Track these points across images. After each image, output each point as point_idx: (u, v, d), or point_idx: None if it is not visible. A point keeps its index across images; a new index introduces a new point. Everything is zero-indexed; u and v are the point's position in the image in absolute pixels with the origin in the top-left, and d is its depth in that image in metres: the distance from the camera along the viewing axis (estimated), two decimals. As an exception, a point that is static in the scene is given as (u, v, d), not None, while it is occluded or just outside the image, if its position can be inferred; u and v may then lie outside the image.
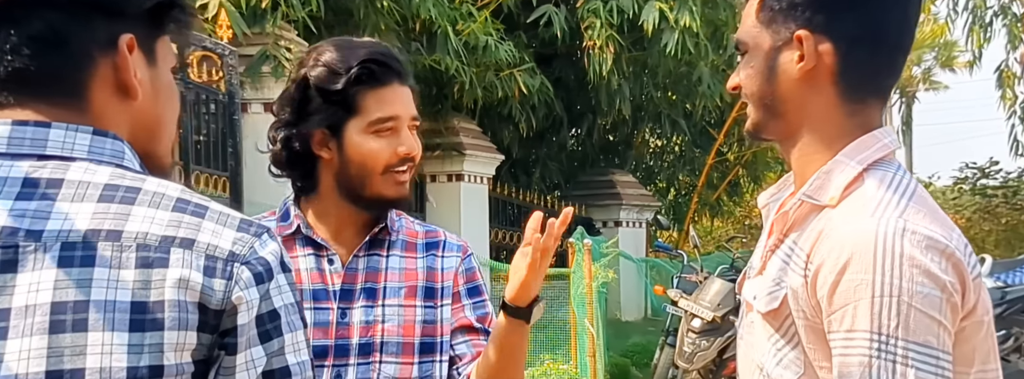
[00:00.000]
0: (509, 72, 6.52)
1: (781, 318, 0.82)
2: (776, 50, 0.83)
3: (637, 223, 8.96)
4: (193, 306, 0.61)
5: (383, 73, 1.09)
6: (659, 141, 10.85)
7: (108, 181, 0.62)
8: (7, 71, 0.62)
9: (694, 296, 4.60)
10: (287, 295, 0.65)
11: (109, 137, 0.64)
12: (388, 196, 1.10)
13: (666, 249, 6.45)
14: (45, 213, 0.60)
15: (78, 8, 0.62)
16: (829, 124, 0.83)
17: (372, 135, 1.09)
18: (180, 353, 0.60)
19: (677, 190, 11.05)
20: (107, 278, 0.59)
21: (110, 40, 0.64)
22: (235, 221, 0.64)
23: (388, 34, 5.62)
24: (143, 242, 0.60)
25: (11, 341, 0.58)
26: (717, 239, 11.62)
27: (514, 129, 7.80)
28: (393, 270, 1.13)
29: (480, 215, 7.03)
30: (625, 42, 7.20)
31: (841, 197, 0.81)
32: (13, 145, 0.61)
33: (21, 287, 0.58)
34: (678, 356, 4.52)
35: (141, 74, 0.65)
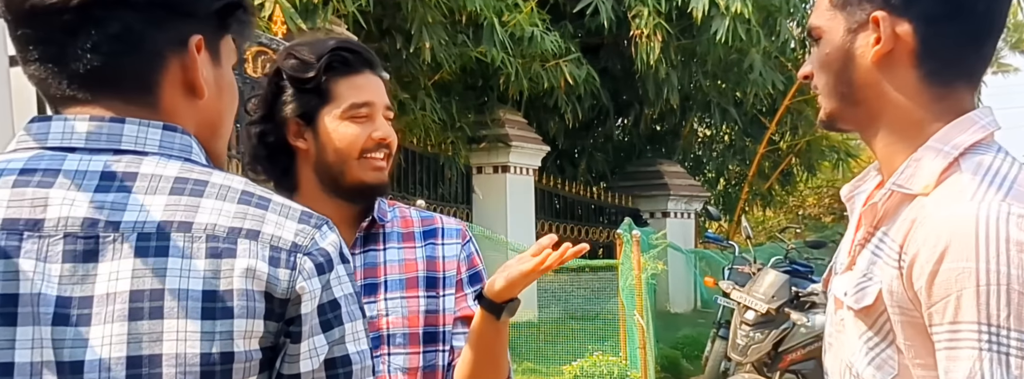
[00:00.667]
0: (555, 63, 6.49)
1: (874, 315, 0.78)
2: (851, 33, 0.79)
3: (686, 214, 8.83)
4: (260, 295, 0.62)
5: (355, 61, 1.10)
6: (708, 130, 10.65)
7: (178, 174, 0.64)
8: (86, 69, 0.64)
9: (747, 288, 4.51)
10: (346, 285, 0.66)
11: (178, 132, 0.66)
12: (367, 181, 1.10)
13: (717, 240, 6.34)
14: (122, 205, 0.62)
15: (153, 9, 0.65)
16: (913, 110, 0.79)
17: (347, 121, 1.09)
18: (249, 340, 0.62)
19: (727, 180, 10.84)
20: (180, 267, 0.61)
21: (181, 40, 0.66)
22: (296, 213, 0.66)
23: (435, 26, 5.66)
24: (212, 233, 0.62)
25: (94, 327, 0.60)
26: (769, 230, 11.38)
27: (560, 120, 7.76)
28: (392, 263, 1.13)
29: (526, 206, 7.04)
30: (673, 30, 7.07)
31: (936, 184, 0.76)
32: (91, 140, 0.64)
33: (102, 276, 0.61)
34: (731, 349, 4.44)
35: (206, 73, 0.68)
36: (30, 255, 0.60)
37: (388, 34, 5.95)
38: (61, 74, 0.64)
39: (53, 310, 0.60)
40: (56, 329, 0.60)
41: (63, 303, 0.60)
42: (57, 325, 0.60)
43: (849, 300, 0.81)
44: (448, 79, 6.57)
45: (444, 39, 5.81)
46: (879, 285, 0.77)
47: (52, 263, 0.60)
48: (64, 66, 0.64)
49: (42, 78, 0.65)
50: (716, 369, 4.71)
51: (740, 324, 4.40)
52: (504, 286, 1.04)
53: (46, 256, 0.60)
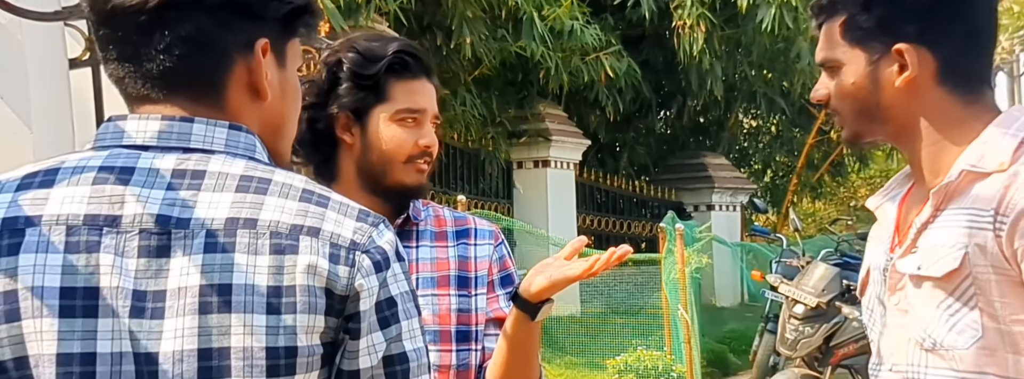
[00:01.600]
0: (595, 56, 6.44)
1: (958, 280, 0.83)
2: (874, 65, 0.88)
3: (731, 207, 8.68)
4: (321, 291, 0.64)
5: (415, 66, 1.12)
6: (754, 121, 10.44)
7: (243, 172, 0.66)
8: (159, 69, 0.67)
9: (796, 281, 4.41)
10: (403, 283, 0.68)
11: (243, 131, 0.68)
12: (409, 184, 1.11)
13: (763, 233, 6.22)
14: (191, 202, 0.65)
15: (224, 12, 0.67)
16: (948, 116, 0.89)
17: (396, 123, 1.10)
18: (311, 335, 0.64)
19: (774, 172, 10.60)
20: (246, 263, 0.63)
21: (248, 43, 0.68)
22: (355, 211, 0.68)
23: (475, 22, 5.67)
24: (275, 230, 0.64)
25: (168, 320, 0.63)
26: (819, 222, 11.09)
27: (601, 113, 7.71)
28: (424, 261, 1.14)
29: (567, 201, 7.02)
30: (717, 20, 6.95)
31: (1011, 161, 0.84)
32: (163, 139, 0.67)
33: (174, 271, 0.63)
34: (780, 343, 4.35)
35: (271, 76, 0.70)
36: (109, 250, 0.63)
37: (428, 30, 6.00)
38: (136, 73, 0.67)
39: (130, 303, 0.62)
40: (133, 321, 0.62)
41: (139, 297, 0.63)
42: (134, 317, 0.62)
43: (931, 270, 0.85)
44: (488, 74, 6.59)
45: (484, 34, 5.82)
46: (962, 250, 0.83)
47: (128, 258, 0.63)
48: (139, 66, 0.67)
49: (120, 77, 0.68)
50: (765, 363, 4.62)
51: (789, 318, 4.31)
52: (545, 287, 1.04)
53: (123, 251, 0.63)
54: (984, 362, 0.82)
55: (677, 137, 9.51)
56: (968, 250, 0.82)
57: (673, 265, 4.84)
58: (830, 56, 0.90)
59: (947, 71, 0.88)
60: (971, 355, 0.82)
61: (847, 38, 0.89)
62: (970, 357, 0.82)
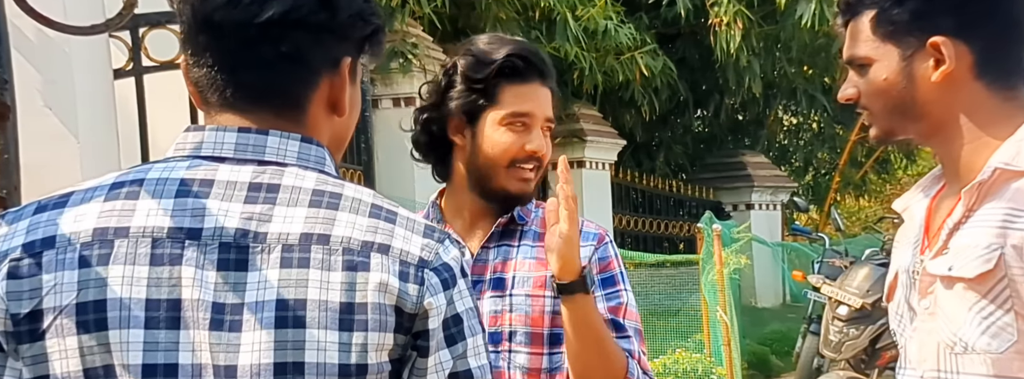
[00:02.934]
0: (630, 55, 6.39)
1: (992, 282, 0.81)
2: (908, 60, 0.85)
3: (771, 205, 8.52)
4: (391, 309, 0.65)
5: (526, 69, 1.12)
6: (794, 119, 10.22)
7: (315, 186, 0.68)
8: (252, 81, 0.69)
9: (839, 282, 4.31)
10: (468, 300, 0.69)
11: (313, 144, 0.70)
12: (511, 191, 1.12)
13: (804, 232, 6.09)
14: (268, 216, 0.66)
15: (321, 32, 0.69)
16: (984, 113, 0.86)
17: (504, 128, 1.11)
18: (380, 353, 0.65)
19: (816, 169, 10.37)
20: (320, 279, 0.64)
21: (335, 61, 0.71)
22: (421, 227, 0.69)
23: (509, 23, 5.69)
24: (348, 246, 0.65)
25: (245, 333, 0.64)
26: (864, 220, 10.82)
27: (636, 113, 7.64)
28: (524, 260, 1.14)
29: (602, 202, 6.98)
30: (754, 16, 6.83)
31: None
32: (239, 151, 0.68)
33: (252, 284, 0.64)
34: (824, 345, 4.27)
35: (347, 92, 0.72)
36: (191, 262, 0.64)
37: (463, 33, 6.02)
38: (227, 82, 0.69)
39: (210, 316, 0.64)
40: (212, 334, 0.64)
41: (218, 309, 0.64)
42: (213, 330, 0.64)
43: (964, 271, 0.82)
44: (523, 76, 6.57)
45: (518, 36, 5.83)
46: (998, 251, 0.79)
47: (208, 270, 0.64)
48: (233, 75, 0.69)
49: (206, 85, 0.70)
50: (808, 366, 4.53)
51: (832, 320, 4.22)
52: (559, 264, 1.04)
53: (204, 264, 0.64)
54: (1019, 367, 0.79)
55: (715, 135, 9.37)
56: (1003, 251, 0.80)
57: (711, 266, 4.78)
58: (859, 53, 0.88)
59: (985, 65, 0.85)
60: (1006, 359, 0.79)
61: (878, 34, 0.86)
62: (1005, 361, 0.80)
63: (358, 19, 0.71)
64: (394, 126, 5.25)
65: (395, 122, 5.19)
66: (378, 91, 4.75)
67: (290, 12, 0.67)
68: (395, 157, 4.68)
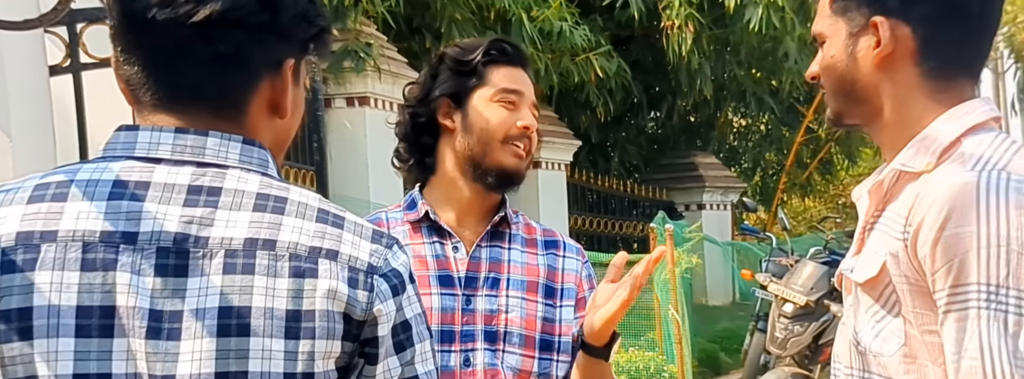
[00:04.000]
0: (585, 56, 6.45)
1: (880, 287, 0.81)
2: (853, 37, 0.83)
3: (722, 206, 8.71)
4: (339, 316, 0.63)
5: (512, 54, 1.16)
6: (743, 120, 10.47)
7: (259, 190, 0.66)
8: (188, 81, 0.67)
9: (785, 280, 4.44)
10: (416, 306, 0.68)
11: (256, 146, 0.68)
12: (507, 166, 1.12)
13: (753, 232, 6.24)
14: (209, 220, 0.64)
15: (261, 33, 0.67)
16: (915, 104, 0.83)
17: (496, 104, 1.12)
18: (327, 361, 0.63)
19: (764, 170, 10.64)
20: (265, 286, 0.62)
21: (277, 62, 0.69)
22: (369, 232, 0.67)
23: (464, 24, 5.67)
24: (294, 252, 0.63)
25: (185, 342, 0.62)
26: (809, 220, 11.15)
27: (591, 114, 7.72)
28: (516, 263, 1.15)
29: (558, 202, 7.03)
30: (705, 20, 6.97)
31: (937, 163, 0.79)
32: (177, 152, 0.65)
33: (192, 291, 0.62)
34: (770, 342, 4.38)
35: (289, 94, 0.70)
36: (126, 268, 0.61)
37: (417, 33, 5.99)
38: (160, 82, 0.66)
39: (147, 323, 0.61)
40: (149, 342, 0.61)
41: (155, 317, 0.61)
42: (150, 338, 0.61)
43: (856, 275, 0.83)
44: (478, 76, 6.56)
45: (473, 36, 5.82)
46: (883, 257, 0.80)
47: (145, 276, 0.62)
48: (166, 75, 0.66)
49: (138, 83, 0.67)
50: (755, 362, 4.65)
51: (778, 317, 4.34)
52: (603, 325, 1.03)
53: (140, 269, 0.62)
54: (906, 370, 0.79)
55: (668, 137, 9.53)
56: (886, 258, 0.79)
57: (663, 265, 4.86)
58: (816, 29, 0.86)
59: (927, 53, 0.81)
60: (895, 362, 0.80)
61: (833, 8, 0.84)
62: (894, 364, 0.80)
63: (302, 20, 0.69)
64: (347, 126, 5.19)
65: (348, 121, 5.13)
66: (331, 90, 4.68)
67: (229, 11, 0.65)
68: (349, 157, 4.62)
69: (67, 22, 2.48)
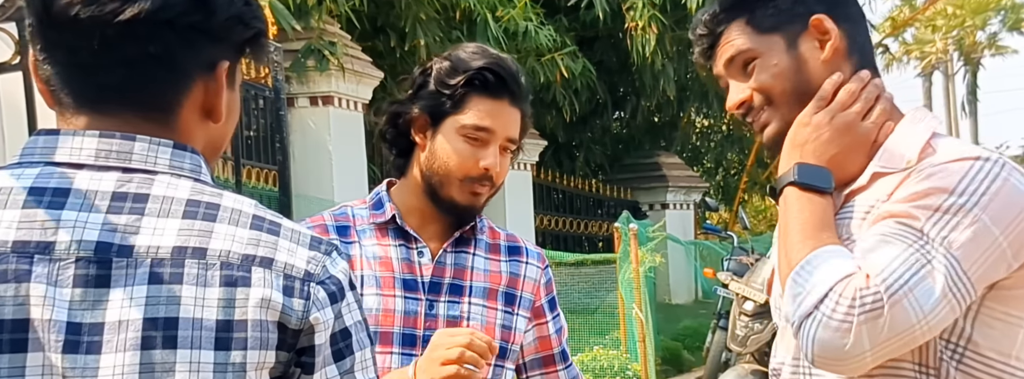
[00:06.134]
0: (550, 57, 6.48)
1: None
2: (793, 43, 0.88)
3: (685, 205, 8.84)
4: (273, 325, 0.61)
5: (497, 85, 1.10)
6: (706, 121, 10.64)
7: (189, 196, 0.63)
8: (113, 82, 0.63)
9: (745, 279, 4.52)
10: (356, 313, 0.66)
11: (188, 151, 0.65)
12: (459, 202, 1.11)
13: (715, 231, 6.35)
14: (135, 228, 0.61)
15: (192, 33, 0.64)
16: None
17: (462, 138, 1.10)
18: (260, 372, 0.61)
19: (726, 170, 10.84)
20: (194, 296, 0.60)
21: (210, 65, 0.66)
22: (306, 239, 0.65)
23: (429, 23, 5.64)
24: (226, 260, 0.61)
25: (105, 355, 0.59)
26: (769, 219, 11.38)
27: (557, 114, 7.75)
28: (479, 270, 1.15)
29: (524, 202, 7.05)
30: (668, 21, 7.06)
31: (917, 159, 0.84)
32: (101, 157, 0.62)
33: (114, 302, 0.59)
34: (731, 339, 4.46)
35: (223, 97, 0.68)
36: (41, 279, 0.59)
37: (382, 32, 5.94)
38: (84, 83, 0.63)
39: (64, 337, 0.58)
40: (66, 357, 0.58)
41: (74, 330, 0.58)
42: (67, 353, 0.58)
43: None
44: (443, 75, 6.54)
45: (438, 36, 5.80)
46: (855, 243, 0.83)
47: (63, 288, 0.59)
48: (90, 75, 0.63)
49: (60, 83, 0.64)
50: (717, 360, 4.73)
51: (739, 315, 4.42)
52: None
53: (57, 280, 0.59)
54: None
55: (632, 137, 9.63)
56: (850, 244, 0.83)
57: (627, 265, 4.91)
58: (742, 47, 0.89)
59: (852, 48, 0.89)
60: None
61: (757, 30, 0.89)
62: None
63: (237, 22, 0.66)
64: (311, 125, 5.11)
65: (312, 121, 5.06)
66: (294, 89, 4.61)
67: (159, 11, 0.62)
68: (312, 157, 4.56)
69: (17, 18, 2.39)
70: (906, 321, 0.76)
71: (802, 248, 0.81)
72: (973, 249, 0.77)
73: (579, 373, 1.24)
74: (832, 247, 0.81)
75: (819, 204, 0.85)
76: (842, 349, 0.75)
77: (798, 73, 0.88)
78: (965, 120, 22.76)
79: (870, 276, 0.76)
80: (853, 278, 0.77)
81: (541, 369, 1.19)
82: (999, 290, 0.81)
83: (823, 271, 0.78)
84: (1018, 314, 0.82)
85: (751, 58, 0.90)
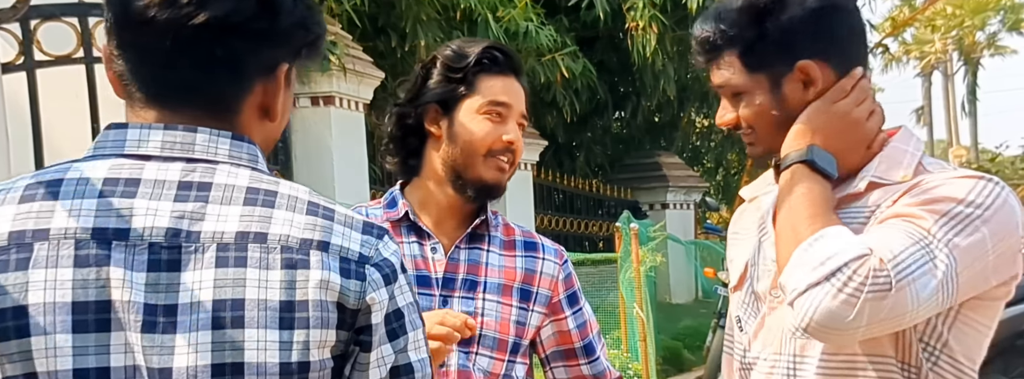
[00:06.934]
0: (551, 57, 6.49)
1: None
2: (777, 84, 0.93)
3: (685, 205, 8.85)
4: (333, 306, 0.64)
5: (504, 62, 1.14)
6: (706, 121, 10.65)
7: (249, 184, 0.67)
8: (182, 81, 0.68)
9: (746, 278, 4.52)
10: (408, 295, 0.69)
11: (245, 141, 0.69)
12: (487, 180, 1.12)
13: (715, 230, 6.37)
14: (200, 215, 0.64)
15: (257, 38, 0.68)
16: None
17: (482, 116, 1.12)
18: (322, 350, 0.64)
19: (726, 170, 10.85)
20: (258, 278, 0.63)
21: (271, 67, 0.70)
22: (360, 223, 0.68)
23: (429, 24, 5.66)
24: (286, 244, 0.64)
25: (180, 335, 0.62)
26: (769, 219, 11.38)
27: (557, 114, 7.77)
28: (493, 266, 1.15)
29: (525, 202, 7.06)
30: (669, 22, 7.07)
31: (913, 174, 0.90)
32: (166, 149, 0.66)
33: (185, 285, 0.63)
34: (730, 339, 4.47)
35: (281, 98, 0.72)
36: (119, 264, 0.62)
37: (383, 33, 5.95)
38: (153, 80, 0.67)
39: (141, 317, 0.62)
40: (144, 336, 0.62)
41: (150, 311, 0.62)
42: (145, 332, 0.62)
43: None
44: (444, 76, 6.54)
45: (439, 36, 5.81)
46: None
47: (138, 271, 0.62)
48: (160, 74, 0.67)
49: (132, 79, 0.68)
50: (717, 359, 4.73)
51: (740, 314, 4.42)
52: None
53: (133, 264, 0.62)
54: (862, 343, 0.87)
55: (633, 137, 9.65)
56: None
57: (628, 264, 4.92)
58: (732, 83, 0.95)
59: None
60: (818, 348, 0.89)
61: (747, 66, 0.93)
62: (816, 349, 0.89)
63: (300, 27, 0.70)
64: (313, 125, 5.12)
65: (314, 121, 5.07)
66: (296, 90, 4.61)
67: (229, 16, 0.66)
68: (314, 156, 4.57)
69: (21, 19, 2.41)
70: (903, 306, 0.80)
71: (813, 223, 0.85)
72: (968, 255, 0.82)
73: (608, 367, 1.23)
74: (841, 227, 0.85)
75: (825, 187, 0.89)
76: (843, 320, 0.79)
77: (780, 111, 0.93)
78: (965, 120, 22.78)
79: (883, 260, 0.81)
80: (869, 258, 0.81)
81: (564, 362, 1.20)
82: (976, 299, 0.86)
83: (836, 246, 0.82)
84: (987, 324, 0.87)
85: (737, 92, 0.95)
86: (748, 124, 0.95)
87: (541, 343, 1.19)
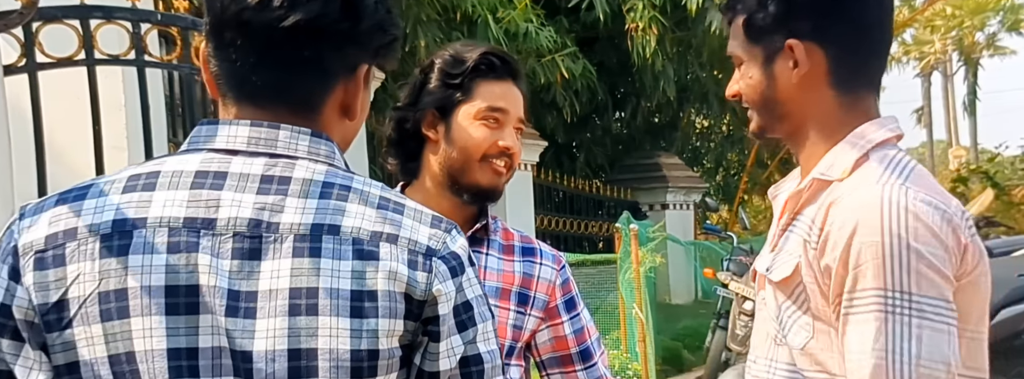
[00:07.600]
0: (551, 57, 6.50)
1: (792, 286, 0.88)
2: (770, 60, 0.90)
3: (685, 205, 8.86)
4: (401, 296, 0.67)
5: (502, 68, 1.16)
6: (705, 121, 10.67)
7: (325, 179, 0.70)
8: (271, 80, 0.71)
9: (745, 279, 4.54)
10: (476, 287, 0.71)
11: (323, 138, 0.72)
12: (483, 184, 1.14)
13: (715, 231, 6.36)
14: (280, 207, 0.68)
15: (341, 40, 0.72)
16: (829, 119, 0.90)
17: (479, 122, 1.13)
18: (391, 338, 0.67)
19: (726, 170, 10.86)
20: (331, 268, 0.66)
21: (352, 68, 0.73)
22: (428, 218, 0.71)
23: (429, 25, 5.67)
24: (357, 236, 0.67)
25: (260, 320, 0.66)
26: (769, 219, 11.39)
27: (557, 115, 7.78)
28: (491, 270, 1.16)
29: (525, 202, 7.06)
30: (668, 23, 7.09)
31: (850, 172, 0.87)
32: (251, 144, 0.70)
33: (265, 273, 0.66)
34: (731, 339, 4.48)
35: (360, 97, 0.75)
36: (206, 251, 0.66)
37: (383, 33, 5.97)
38: (244, 79, 0.71)
39: (226, 302, 0.65)
40: (229, 320, 0.65)
41: (233, 296, 0.66)
42: (229, 316, 0.65)
43: (772, 274, 0.90)
44: (444, 76, 6.56)
45: (439, 37, 5.82)
46: (797, 259, 0.87)
47: (223, 259, 0.66)
48: (251, 73, 0.71)
49: (226, 77, 0.72)
50: (717, 360, 4.74)
51: (739, 314, 4.43)
52: None
53: (219, 252, 0.66)
54: (812, 360, 0.86)
55: (632, 137, 9.66)
56: (800, 260, 0.86)
57: (629, 265, 4.92)
58: (732, 51, 0.93)
59: (838, 71, 0.89)
60: (804, 354, 0.87)
61: (748, 35, 0.91)
62: (803, 356, 0.88)
63: (379, 29, 0.73)
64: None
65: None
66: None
67: (315, 19, 0.69)
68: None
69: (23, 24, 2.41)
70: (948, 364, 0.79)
71: None
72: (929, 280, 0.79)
73: (606, 374, 1.23)
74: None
75: None
76: None
77: (768, 89, 0.91)
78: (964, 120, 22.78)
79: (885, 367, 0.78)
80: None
81: (560, 368, 1.20)
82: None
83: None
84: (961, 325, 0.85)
85: (739, 61, 0.93)
86: (745, 100, 0.93)
87: (537, 348, 1.20)
